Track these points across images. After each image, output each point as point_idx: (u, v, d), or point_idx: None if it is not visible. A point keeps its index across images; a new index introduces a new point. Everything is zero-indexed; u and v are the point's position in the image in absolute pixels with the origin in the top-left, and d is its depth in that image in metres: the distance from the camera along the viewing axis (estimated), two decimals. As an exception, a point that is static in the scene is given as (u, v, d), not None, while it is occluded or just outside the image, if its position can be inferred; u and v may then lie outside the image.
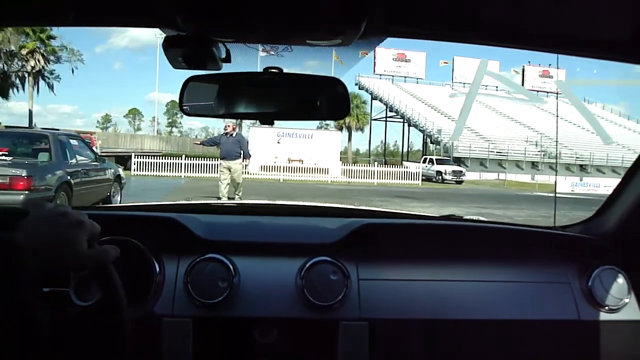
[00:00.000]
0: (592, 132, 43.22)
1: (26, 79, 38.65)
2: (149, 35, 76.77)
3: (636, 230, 1.66)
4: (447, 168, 31.63)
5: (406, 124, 48.09)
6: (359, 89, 50.04)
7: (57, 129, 9.88)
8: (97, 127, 78.44)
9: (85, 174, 9.11)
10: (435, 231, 1.78)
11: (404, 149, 53.77)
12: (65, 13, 1.08)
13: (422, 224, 1.84)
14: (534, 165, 39.74)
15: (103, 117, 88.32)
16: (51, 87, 40.52)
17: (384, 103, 48.35)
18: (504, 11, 1.08)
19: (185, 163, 24.42)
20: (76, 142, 9.54)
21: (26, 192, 7.10)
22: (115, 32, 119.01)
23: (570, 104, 43.01)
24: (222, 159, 10.84)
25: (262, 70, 1.21)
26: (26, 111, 40.07)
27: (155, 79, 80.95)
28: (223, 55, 1.17)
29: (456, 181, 30.64)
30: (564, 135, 42.29)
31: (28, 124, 33.57)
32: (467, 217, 2.05)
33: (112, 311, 0.92)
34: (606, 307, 1.58)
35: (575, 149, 40.75)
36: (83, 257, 0.84)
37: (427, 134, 43.21)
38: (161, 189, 16.67)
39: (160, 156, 25.48)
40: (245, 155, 11.00)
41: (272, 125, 1.38)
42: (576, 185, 29.25)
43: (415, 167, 30.71)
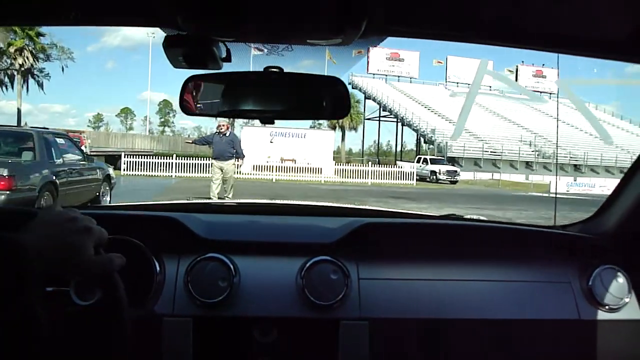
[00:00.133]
0: (586, 132, 43.51)
1: (15, 77, 38.06)
2: (142, 34, 76.63)
3: (636, 229, 1.67)
4: (442, 168, 31.56)
5: (400, 124, 48.25)
6: (352, 88, 49.78)
7: (47, 128, 9.77)
8: (89, 127, 78.36)
9: (72, 174, 9.06)
10: (435, 231, 1.78)
11: (398, 149, 53.89)
12: (65, 13, 1.10)
13: (423, 224, 1.86)
14: (528, 165, 39.95)
15: (95, 117, 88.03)
16: (41, 86, 40.04)
17: (378, 102, 48.40)
18: (504, 11, 1.09)
19: (176, 163, 24.20)
20: (63, 141, 9.43)
21: (7, 192, 6.90)
22: (107, 31, 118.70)
23: (564, 104, 43.26)
24: (215, 159, 10.69)
25: (263, 69, 1.20)
26: (16, 110, 39.55)
27: (147, 78, 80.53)
28: (223, 54, 1.17)
29: (450, 181, 30.57)
30: (559, 135, 42.33)
31: (17, 123, 33.23)
32: (468, 217, 2.09)
33: (113, 311, 0.93)
34: (606, 307, 1.58)
35: (569, 149, 40.94)
36: (88, 264, 0.83)
37: (421, 134, 43.33)
38: (150, 190, 16.40)
39: (151, 156, 25.29)
40: (238, 155, 10.81)
41: (273, 124, 1.32)
42: (571, 185, 29.25)
43: (409, 167, 30.61)
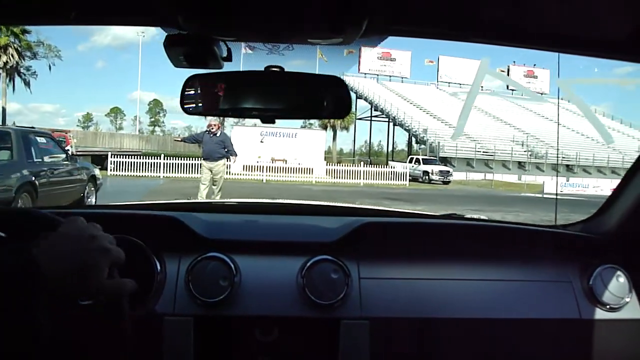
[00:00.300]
0: (577, 132, 43.64)
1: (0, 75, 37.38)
2: (132, 33, 75.70)
3: (637, 229, 1.67)
4: (434, 168, 31.33)
5: (391, 123, 48.16)
6: (344, 88, 49.63)
7: (33, 127, 9.52)
8: (78, 126, 77.87)
9: (53, 174, 8.74)
10: (436, 230, 1.79)
11: (389, 149, 53.78)
12: (65, 12, 1.10)
13: (424, 223, 1.86)
14: (521, 165, 39.87)
15: (84, 116, 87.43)
16: (27, 84, 39.35)
17: (369, 102, 48.34)
18: (504, 11, 1.09)
19: (164, 163, 23.80)
20: (44, 140, 9.13)
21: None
22: (98, 30, 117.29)
23: (555, 105, 43.36)
24: (204, 160, 10.44)
25: (264, 68, 1.20)
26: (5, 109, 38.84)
27: (137, 78, 79.88)
28: (224, 54, 1.17)
29: (443, 181, 30.36)
30: (551, 135, 42.66)
31: (1, 122, 32.65)
32: (468, 216, 2.09)
33: (114, 310, 0.92)
34: (607, 306, 1.58)
35: (561, 149, 40.98)
36: (99, 287, 0.81)
37: (413, 134, 43.26)
38: (137, 192, 15.93)
39: (139, 156, 24.86)
40: (230, 153, 10.55)
41: (274, 123, 1.33)
42: (564, 185, 29.13)
43: (401, 167, 30.36)
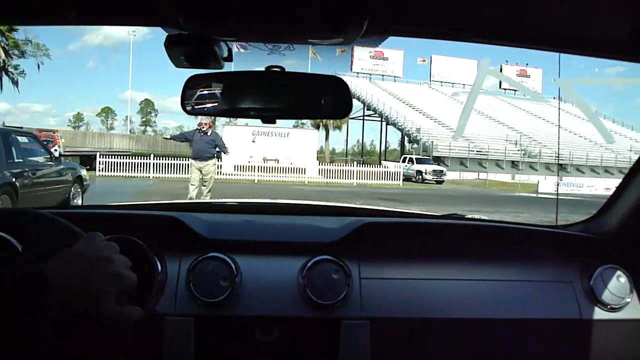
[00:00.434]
0: (571, 131, 43.74)
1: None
2: (123, 32, 74.89)
3: (638, 229, 1.67)
4: (428, 167, 31.17)
5: (384, 123, 47.98)
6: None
7: (21, 127, 9.21)
8: (69, 126, 77.09)
9: (35, 175, 8.47)
10: (437, 230, 1.79)
11: (382, 148, 53.65)
12: (66, 12, 1.10)
13: (424, 223, 1.86)
14: (514, 164, 39.78)
15: (75, 116, 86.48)
16: (15, 83, 38.35)
17: (362, 101, 48.02)
18: (504, 11, 1.09)
19: (153, 163, 23.39)
20: (27, 140, 8.90)
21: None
22: (89, 30, 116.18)
23: (550, 105, 43.47)
24: (194, 159, 10.17)
25: (265, 69, 1.20)
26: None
27: (128, 77, 79.40)
28: (225, 54, 1.17)
29: (437, 181, 30.17)
30: (544, 134, 42.87)
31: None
32: (469, 216, 2.09)
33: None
34: (608, 306, 1.58)
35: (554, 148, 40.99)
36: (108, 314, 0.78)
37: (406, 133, 43.12)
38: (122, 192, 15.52)
39: (128, 156, 24.43)
40: (222, 150, 10.35)
41: (274, 123, 1.30)
42: (559, 185, 28.99)
43: (394, 167, 30.14)
